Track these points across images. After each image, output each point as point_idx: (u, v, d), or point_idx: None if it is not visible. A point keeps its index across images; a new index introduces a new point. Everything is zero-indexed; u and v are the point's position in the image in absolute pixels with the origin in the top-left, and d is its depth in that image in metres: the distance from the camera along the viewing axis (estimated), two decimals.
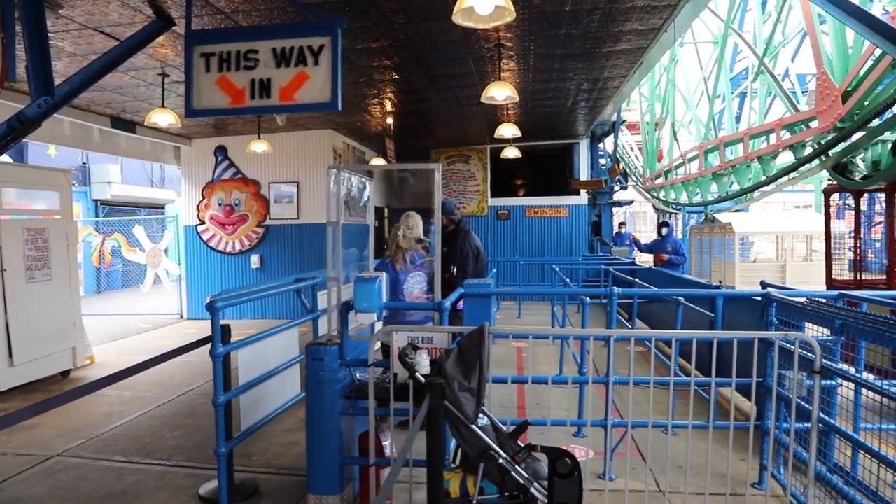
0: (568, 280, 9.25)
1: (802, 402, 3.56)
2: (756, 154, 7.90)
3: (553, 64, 8.21)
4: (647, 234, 28.03)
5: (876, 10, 5.91)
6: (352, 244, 5.89)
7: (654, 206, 18.26)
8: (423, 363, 3.13)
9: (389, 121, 11.17)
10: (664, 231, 11.64)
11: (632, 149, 19.04)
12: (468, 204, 15.62)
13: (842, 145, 5.91)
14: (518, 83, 9.30)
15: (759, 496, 4.05)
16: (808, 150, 6.80)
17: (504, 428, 3.37)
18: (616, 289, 4.29)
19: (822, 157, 6.43)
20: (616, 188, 18.50)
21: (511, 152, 12.94)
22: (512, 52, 7.68)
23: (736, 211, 14.40)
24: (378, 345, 5.34)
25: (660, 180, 13.72)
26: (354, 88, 9.15)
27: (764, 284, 5.77)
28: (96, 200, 20.38)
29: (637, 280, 7.59)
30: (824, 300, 3.99)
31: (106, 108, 9.59)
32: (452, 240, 5.84)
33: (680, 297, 5.17)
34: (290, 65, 4.22)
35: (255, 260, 12.97)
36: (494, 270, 11.20)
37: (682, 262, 10.53)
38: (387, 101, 10.33)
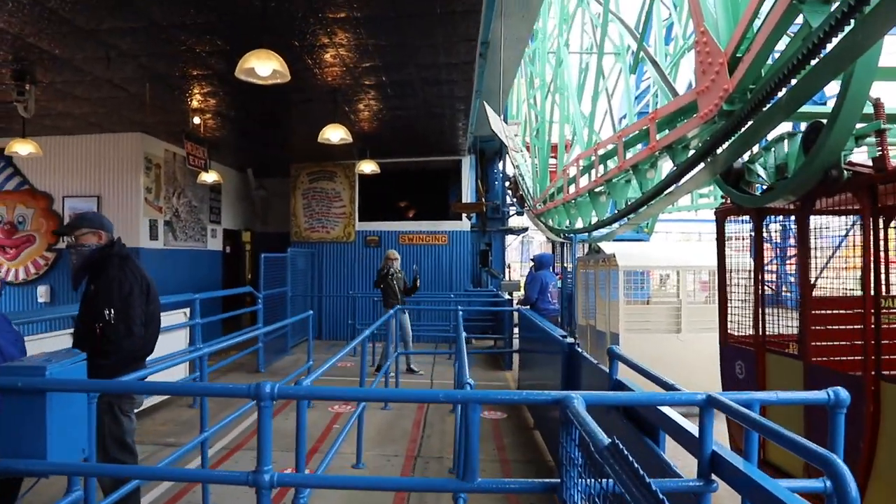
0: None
1: None
2: (629, 163, 5.89)
3: (375, 38, 6.07)
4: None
5: None
6: (182, 274, 3.71)
7: (546, 237, 16.39)
8: None
9: (197, 120, 8.77)
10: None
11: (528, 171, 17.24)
12: (332, 228, 13.28)
13: (732, 139, 3.91)
14: (340, 70, 7.11)
15: None
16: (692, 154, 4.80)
17: None
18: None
19: (709, 161, 4.44)
20: (511, 213, 16.61)
21: (368, 167, 10.73)
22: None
23: (635, 240, 12.61)
24: None
25: (549, 204, 11.76)
26: (169, 80, 6.82)
27: (612, 354, 3.67)
28: None
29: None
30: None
31: None
32: (103, 270, 3.58)
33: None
34: None
35: (42, 292, 10.26)
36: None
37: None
38: (211, 95, 7.98)
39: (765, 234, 5.58)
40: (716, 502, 2.43)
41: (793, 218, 4.25)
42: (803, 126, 3.82)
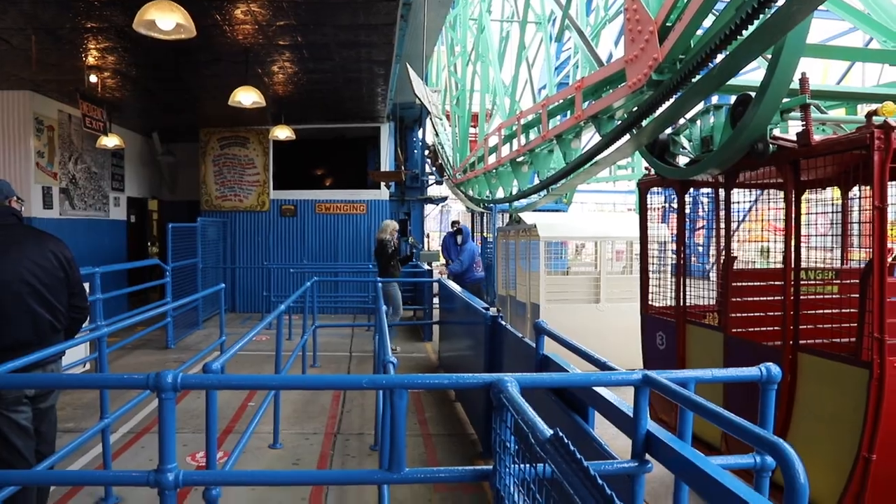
0: None
1: None
2: (553, 132, 5.83)
3: None
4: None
5: None
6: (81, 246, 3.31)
7: (465, 207, 16.35)
8: None
9: (94, 79, 8.06)
10: (459, 238, 9.65)
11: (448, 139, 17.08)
12: (246, 197, 12.70)
13: (661, 109, 3.87)
14: (252, 28, 6.66)
15: None
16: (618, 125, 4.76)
17: None
18: None
19: (635, 132, 4.41)
20: (430, 182, 16.45)
21: (283, 133, 10.24)
22: None
23: (554, 210, 12.77)
24: None
25: (470, 173, 11.66)
26: (58, 32, 6.12)
27: (539, 328, 3.60)
28: None
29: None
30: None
31: None
32: None
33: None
34: None
35: None
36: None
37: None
38: (109, 52, 7.28)
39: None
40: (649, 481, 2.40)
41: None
42: (729, 98, 3.82)
